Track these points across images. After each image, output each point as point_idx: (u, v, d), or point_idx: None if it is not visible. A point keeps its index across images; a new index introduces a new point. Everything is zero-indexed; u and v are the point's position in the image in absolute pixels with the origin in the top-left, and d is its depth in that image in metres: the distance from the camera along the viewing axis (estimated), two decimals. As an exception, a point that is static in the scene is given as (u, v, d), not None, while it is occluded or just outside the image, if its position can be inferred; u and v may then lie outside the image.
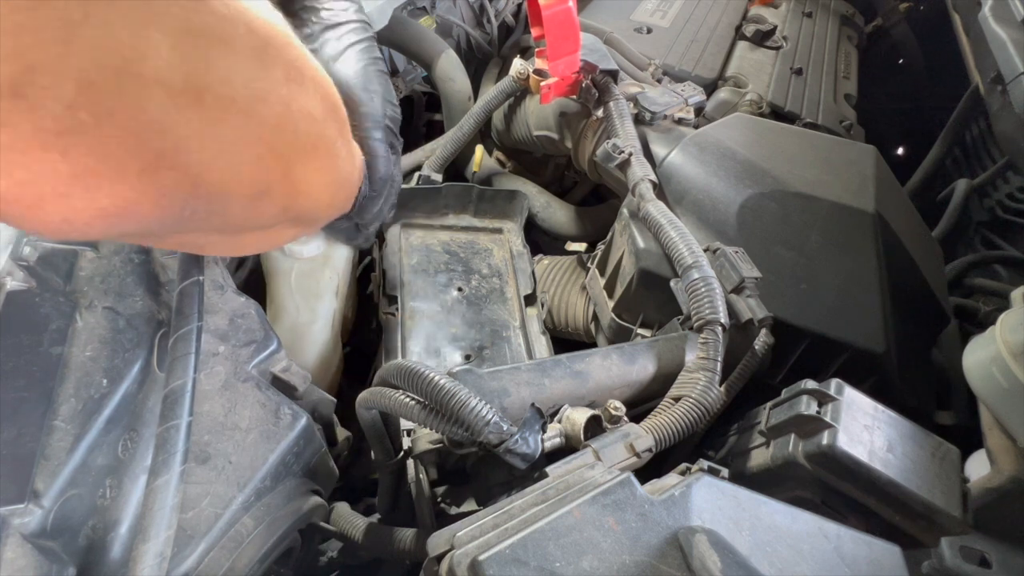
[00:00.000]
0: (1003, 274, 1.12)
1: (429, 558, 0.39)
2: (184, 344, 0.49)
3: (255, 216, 0.36)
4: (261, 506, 0.52)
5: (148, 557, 0.40)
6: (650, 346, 0.66)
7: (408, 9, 1.18)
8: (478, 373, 0.56)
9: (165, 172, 0.27)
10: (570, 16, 0.76)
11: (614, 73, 0.90)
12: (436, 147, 1.08)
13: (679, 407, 0.57)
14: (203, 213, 0.31)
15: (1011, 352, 0.57)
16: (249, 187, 0.33)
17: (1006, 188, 1.17)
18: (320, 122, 0.38)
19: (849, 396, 0.53)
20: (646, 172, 0.78)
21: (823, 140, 0.95)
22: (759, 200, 0.79)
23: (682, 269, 0.67)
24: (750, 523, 0.43)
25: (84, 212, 0.25)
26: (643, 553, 0.38)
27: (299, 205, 0.39)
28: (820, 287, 0.74)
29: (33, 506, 0.45)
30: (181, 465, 0.44)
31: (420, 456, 0.56)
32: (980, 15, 1.13)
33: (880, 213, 0.79)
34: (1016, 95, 0.96)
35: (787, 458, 0.53)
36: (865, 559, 0.44)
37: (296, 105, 0.34)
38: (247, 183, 0.33)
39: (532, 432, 0.49)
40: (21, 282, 0.53)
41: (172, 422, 0.45)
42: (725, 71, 1.25)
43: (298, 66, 0.34)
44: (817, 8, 1.57)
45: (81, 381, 0.51)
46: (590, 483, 0.43)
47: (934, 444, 0.53)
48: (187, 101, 0.26)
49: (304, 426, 0.56)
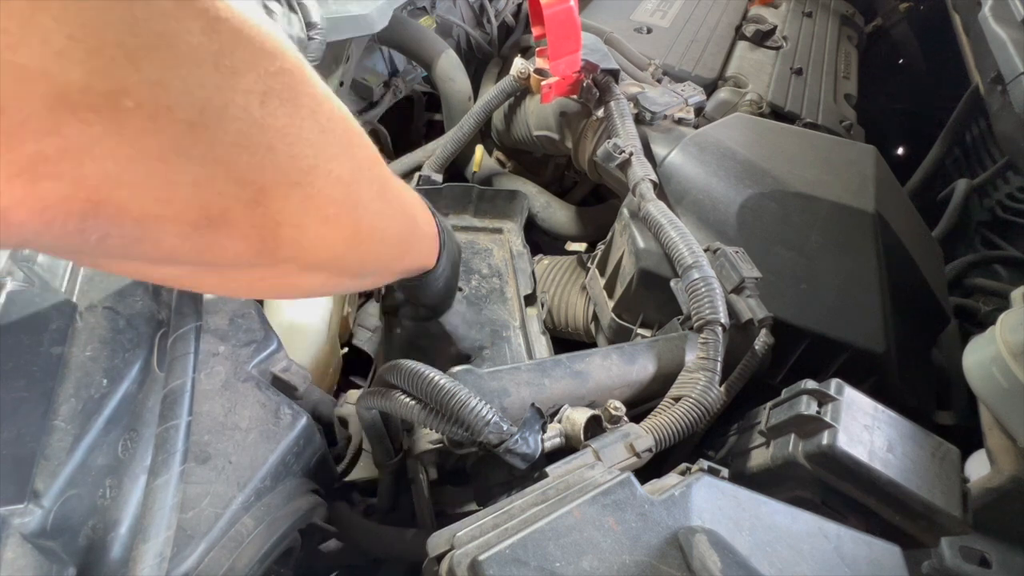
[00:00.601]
0: (1003, 274, 1.11)
1: (429, 558, 0.39)
2: (183, 344, 0.49)
3: (214, 251, 0.30)
4: (261, 506, 0.52)
5: (148, 557, 0.40)
6: (650, 346, 0.66)
7: (408, 9, 1.18)
8: (478, 373, 0.56)
9: (45, 182, 0.23)
10: (571, 15, 0.76)
11: (615, 73, 0.90)
12: (436, 147, 1.08)
13: (679, 407, 0.57)
14: (123, 239, 0.26)
15: (1011, 352, 0.57)
16: (188, 214, 0.27)
17: (1006, 188, 1.17)
18: (318, 149, 0.32)
19: (849, 396, 0.53)
20: (647, 172, 0.78)
21: (823, 140, 0.95)
22: (759, 200, 0.79)
23: (682, 269, 0.67)
24: (750, 523, 0.43)
25: None
26: (643, 553, 0.38)
27: (286, 247, 0.33)
28: (820, 287, 0.74)
29: (33, 506, 0.45)
30: (181, 465, 0.44)
31: (420, 456, 0.56)
32: (980, 15, 1.13)
33: (880, 213, 0.79)
34: (1016, 95, 0.96)
35: (787, 458, 0.53)
36: (865, 559, 0.44)
37: (277, 124, 0.29)
38: (183, 209, 0.27)
39: (532, 432, 0.49)
40: (21, 282, 0.53)
41: (172, 422, 0.45)
42: (725, 71, 1.26)
43: (286, 82, 0.29)
44: (817, 8, 1.57)
45: (81, 381, 0.51)
46: (590, 483, 0.43)
47: (934, 444, 0.53)
48: (87, 104, 0.22)
49: (304, 426, 0.56)
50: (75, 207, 0.24)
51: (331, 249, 0.36)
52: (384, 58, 1.21)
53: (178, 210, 0.27)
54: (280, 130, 0.29)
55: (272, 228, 0.31)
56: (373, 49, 1.18)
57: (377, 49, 1.19)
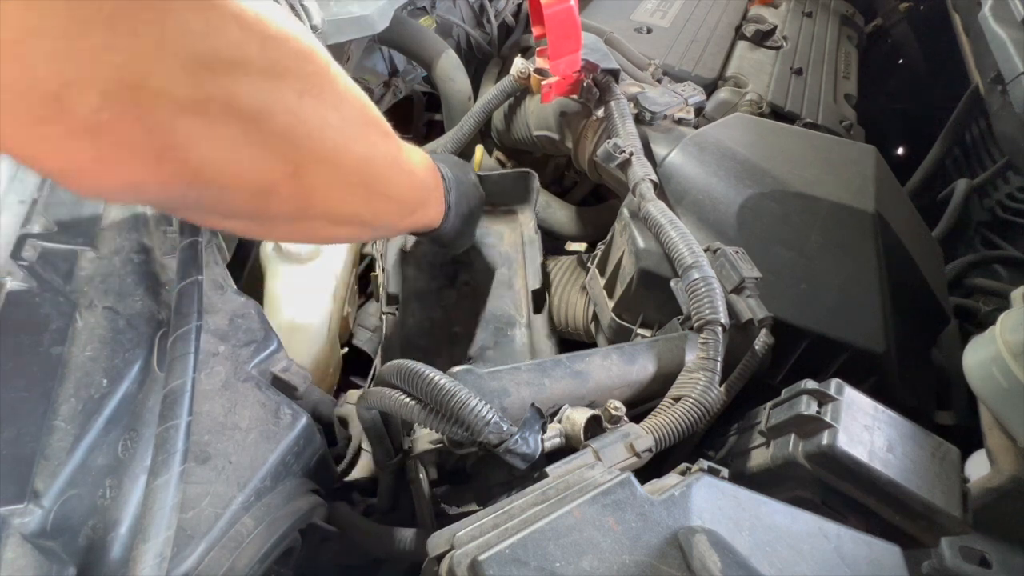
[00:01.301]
0: (1003, 274, 1.11)
1: (429, 558, 0.39)
2: (183, 344, 0.49)
3: (266, 209, 0.41)
4: (261, 506, 0.52)
5: (148, 557, 0.40)
6: (650, 346, 0.66)
7: (408, 9, 1.18)
8: (478, 373, 0.56)
9: (168, 163, 0.33)
10: (572, 15, 0.76)
11: (615, 72, 0.90)
12: (436, 147, 1.08)
13: (679, 407, 0.57)
14: (209, 199, 0.38)
15: (1011, 352, 0.57)
16: (249, 183, 0.38)
17: (1006, 188, 1.17)
18: (339, 132, 0.42)
19: (849, 396, 0.53)
20: (647, 172, 0.78)
21: (823, 140, 0.95)
22: (759, 200, 0.79)
23: (682, 269, 0.67)
24: (750, 523, 0.43)
25: (110, 183, 0.33)
26: (643, 553, 0.38)
27: (318, 207, 0.44)
28: (820, 287, 0.74)
29: (33, 506, 0.45)
30: (181, 465, 0.44)
31: (420, 456, 0.56)
32: (980, 15, 1.13)
33: (880, 213, 0.79)
34: (1016, 95, 0.96)
35: (787, 458, 0.53)
36: (865, 559, 0.44)
37: (309, 115, 0.38)
38: (246, 180, 0.38)
39: (532, 432, 0.49)
40: (21, 282, 0.53)
41: (172, 422, 0.45)
42: (725, 71, 1.25)
43: (316, 80, 0.39)
44: (817, 8, 1.57)
45: (81, 381, 0.51)
46: (590, 483, 0.43)
47: (934, 444, 0.53)
48: (191, 110, 0.32)
49: (304, 426, 0.56)
50: (183, 179, 0.35)
51: (351, 208, 0.49)
52: (384, 58, 1.21)
53: (244, 182, 0.38)
54: (311, 119, 0.39)
55: (307, 194, 0.42)
56: (373, 49, 1.18)
57: (377, 49, 1.19)
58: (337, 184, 0.44)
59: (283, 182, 0.40)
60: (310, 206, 0.43)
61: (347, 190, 0.46)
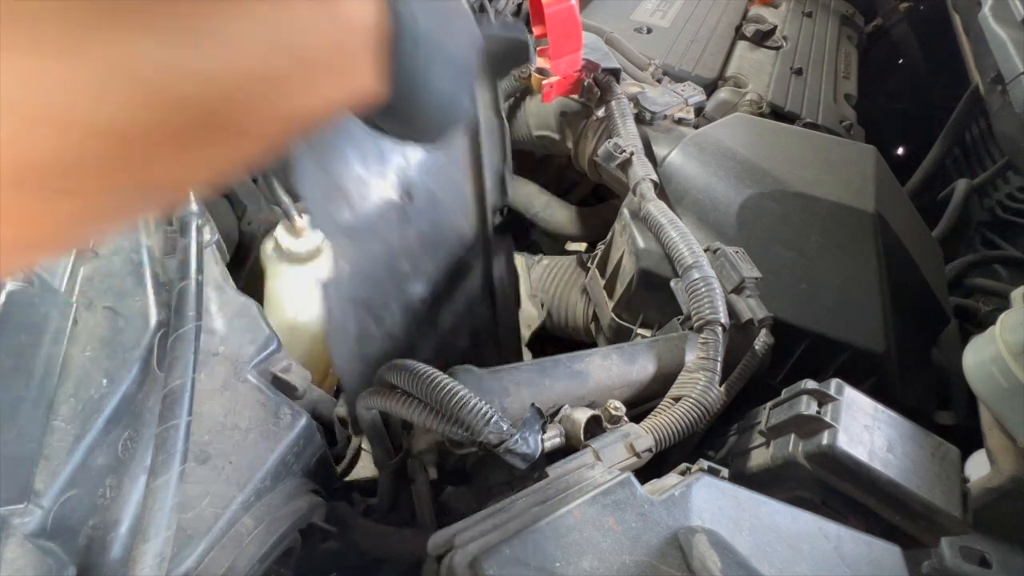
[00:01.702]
0: (1003, 274, 1.11)
1: (429, 558, 0.39)
2: (183, 344, 0.49)
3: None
4: (261, 506, 0.52)
5: (148, 557, 0.40)
6: (650, 346, 0.66)
7: (408, 9, 1.17)
8: (478, 373, 0.56)
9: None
10: (572, 14, 0.76)
11: (616, 72, 0.90)
12: (436, 147, 1.08)
13: (679, 407, 0.57)
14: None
15: (1011, 352, 0.57)
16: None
17: (1006, 188, 1.17)
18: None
19: (849, 396, 0.53)
20: (647, 172, 0.78)
21: (823, 140, 0.95)
22: (759, 200, 0.79)
23: (682, 269, 0.67)
24: (750, 523, 0.43)
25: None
26: (643, 553, 0.38)
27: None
28: (820, 287, 0.74)
29: (33, 506, 0.45)
30: (181, 465, 0.44)
31: (420, 456, 0.56)
32: (980, 15, 1.13)
33: (880, 213, 0.79)
34: (1016, 95, 0.96)
35: (787, 458, 0.53)
36: (865, 559, 0.44)
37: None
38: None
39: (532, 432, 0.49)
40: (21, 282, 0.53)
41: (171, 422, 0.45)
42: (725, 71, 1.25)
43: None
44: (817, 8, 1.57)
45: (81, 381, 0.50)
46: (590, 483, 0.43)
47: (934, 444, 0.53)
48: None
49: (304, 426, 0.56)
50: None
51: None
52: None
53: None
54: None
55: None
56: (373, 49, 1.18)
57: (377, 49, 1.18)
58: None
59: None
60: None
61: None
